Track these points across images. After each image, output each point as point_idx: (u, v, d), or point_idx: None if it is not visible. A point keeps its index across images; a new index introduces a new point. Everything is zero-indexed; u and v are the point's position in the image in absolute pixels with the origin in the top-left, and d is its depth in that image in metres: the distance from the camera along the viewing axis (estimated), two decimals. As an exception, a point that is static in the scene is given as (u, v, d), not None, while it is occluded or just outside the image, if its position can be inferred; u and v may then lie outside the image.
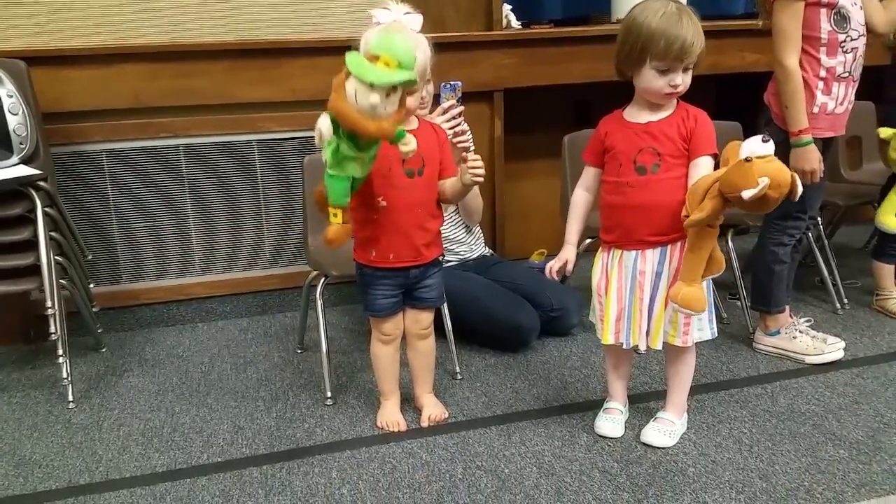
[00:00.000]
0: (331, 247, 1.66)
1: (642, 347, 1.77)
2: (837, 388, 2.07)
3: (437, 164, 1.81)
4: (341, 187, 1.59)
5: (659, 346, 1.76)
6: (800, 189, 1.53)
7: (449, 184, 1.83)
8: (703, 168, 1.66)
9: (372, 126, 1.50)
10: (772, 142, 1.50)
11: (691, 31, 1.61)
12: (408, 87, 1.55)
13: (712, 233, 1.61)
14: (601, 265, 1.80)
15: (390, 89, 1.50)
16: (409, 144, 1.59)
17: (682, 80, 1.65)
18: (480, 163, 1.77)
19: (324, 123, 1.53)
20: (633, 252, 1.74)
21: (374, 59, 1.50)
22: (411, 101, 1.72)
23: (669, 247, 1.72)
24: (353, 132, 1.53)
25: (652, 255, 1.73)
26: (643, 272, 1.73)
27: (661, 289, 1.73)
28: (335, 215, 1.62)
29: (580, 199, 1.84)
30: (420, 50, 1.71)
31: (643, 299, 1.74)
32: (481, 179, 1.78)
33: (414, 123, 1.81)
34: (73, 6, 2.54)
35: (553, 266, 1.82)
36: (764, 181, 1.47)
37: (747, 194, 1.48)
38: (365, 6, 2.70)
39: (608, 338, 1.79)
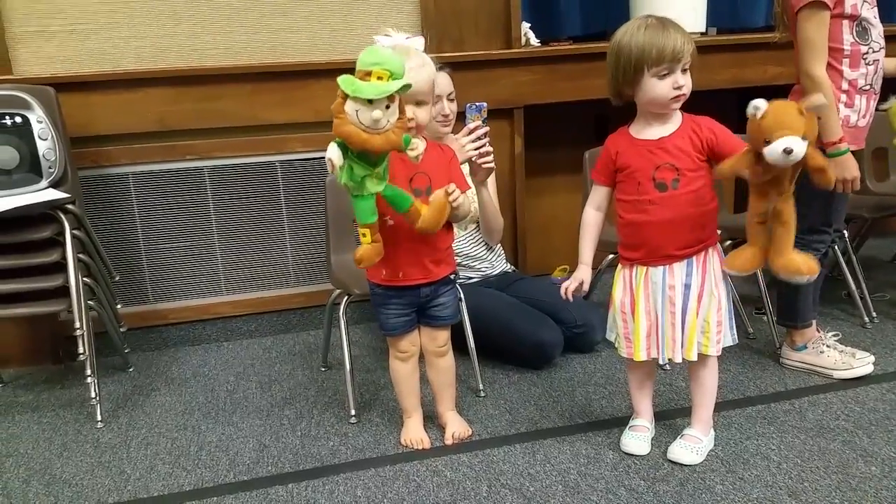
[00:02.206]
0: (361, 266, 1.71)
1: (678, 359, 1.75)
2: (868, 404, 2.04)
3: (446, 182, 1.81)
4: (367, 206, 1.63)
5: (694, 357, 1.74)
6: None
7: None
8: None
9: (379, 140, 1.55)
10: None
11: (679, 34, 1.63)
12: (403, 94, 1.57)
13: (789, 204, 1.61)
14: (623, 283, 1.79)
15: (388, 100, 1.53)
16: (417, 149, 1.63)
17: (685, 81, 1.66)
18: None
19: (332, 152, 1.56)
20: (661, 268, 1.73)
21: (365, 75, 1.53)
22: (422, 116, 1.74)
23: (695, 258, 1.72)
24: (363, 151, 1.57)
25: (679, 268, 1.72)
26: (672, 287, 1.72)
27: (691, 300, 1.72)
28: (364, 235, 1.66)
29: (592, 218, 1.83)
30: (425, 67, 1.74)
31: (675, 313, 1.73)
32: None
33: (422, 145, 1.82)
34: (99, 33, 2.60)
35: (569, 286, 1.81)
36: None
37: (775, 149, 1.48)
38: (384, 28, 2.76)
39: (640, 355, 1.77)
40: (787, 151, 1.47)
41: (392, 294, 1.85)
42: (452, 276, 1.92)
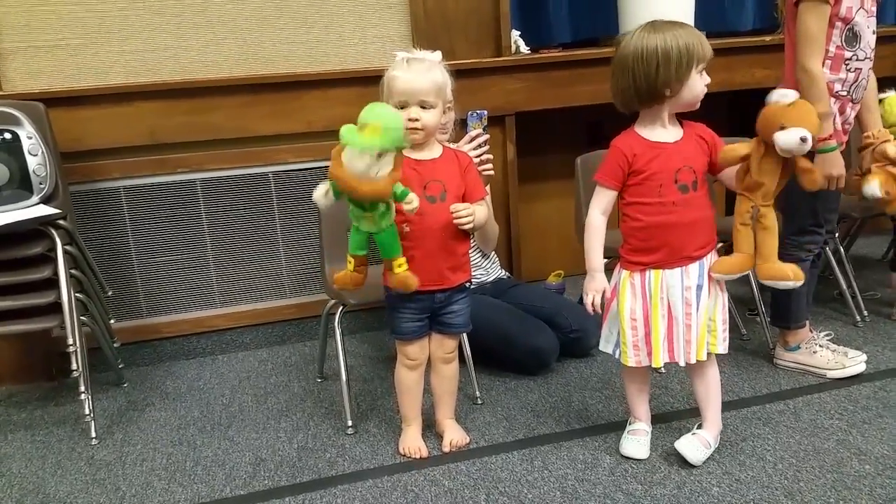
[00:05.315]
0: (335, 286, 1.81)
1: (692, 361, 1.76)
2: (860, 402, 2.05)
3: (461, 189, 1.83)
4: (356, 240, 1.75)
5: (704, 357, 1.76)
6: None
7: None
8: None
9: (366, 187, 1.63)
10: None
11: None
12: (398, 150, 1.65)
13: (771, 209, 1.70)
14: (633, 289, 1.77)
15: (378, 153, 1.60)
16: (412, 203, 1.68)
17: None
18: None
19: (317, 193, 1.68)
20: (678, 269, 1.74)
21: (362, 128, 1.61)
22: (428, 119, 1.76)
23: (704, 259, 1.76)
24: (350, 195, 1.65)
25: (694, 268, 1.75)
26: (689, 287, 1.74)
27: (702, 300, 1.74)
28: (349, 262, 1.77)
29: (600, 222, 1.78)
30: (430, 71, 1.76)
31: (691, 314, 1.74)
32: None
33: (437, 151, 1.83)
34: (88, 48, 2.59)
35: (594, 302, 1.77)
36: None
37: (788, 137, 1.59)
38: (374, 38, 2.78)
39: (659, 360, 1.77)
40: (803, 139, 1.57)
41: (406, 298, 1.84)
42: (468, 284, 1.91)
